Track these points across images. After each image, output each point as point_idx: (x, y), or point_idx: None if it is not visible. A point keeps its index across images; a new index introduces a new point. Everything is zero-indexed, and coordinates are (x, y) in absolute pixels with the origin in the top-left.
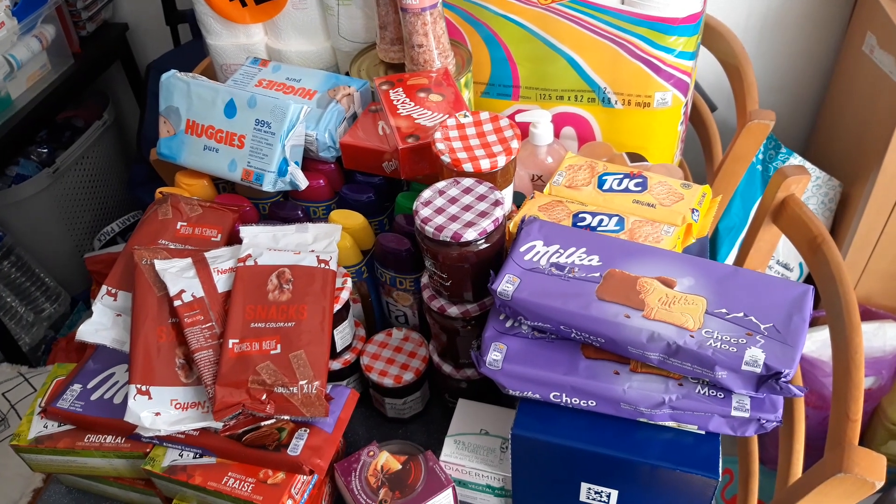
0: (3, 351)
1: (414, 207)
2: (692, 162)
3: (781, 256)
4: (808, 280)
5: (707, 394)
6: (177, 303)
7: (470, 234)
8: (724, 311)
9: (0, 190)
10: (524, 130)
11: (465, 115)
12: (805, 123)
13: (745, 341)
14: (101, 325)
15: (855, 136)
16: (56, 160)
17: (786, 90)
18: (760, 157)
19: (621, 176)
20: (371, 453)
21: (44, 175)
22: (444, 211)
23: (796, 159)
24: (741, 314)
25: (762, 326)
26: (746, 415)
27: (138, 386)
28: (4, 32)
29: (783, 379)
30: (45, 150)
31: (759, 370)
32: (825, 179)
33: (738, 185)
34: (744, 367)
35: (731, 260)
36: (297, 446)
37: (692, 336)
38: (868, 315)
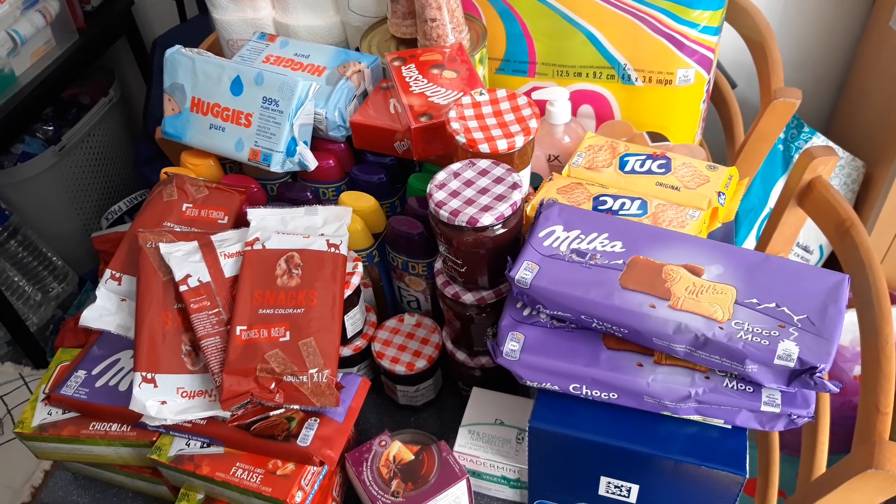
0: (10, 331)
1: (427, 190)
2: (711, 142)
3: (801, 239)
4: (829, 263)
5: (735, 387)
6: (182, 288)
7: (486, 219)
8: (755, 301)
9: (6, 168)
10: (541, 108)
11: (481, 93)
12: (828, 102)
13: (777, 334)
14: (106, 310)
15: (880, 115)
16: (62, 138)
17: (808, 67)
18: (782, 136)
19: (644, 157)
20: (383, 443)
21: (50, 153)
22: (459, 194)
23: (819, 139)
24: (773, 305)
25: (795, 318)
26: (777, 410)
27: (143, 374)
28: (7, 7)
29: (818, 374)
30: (51, 128)
31: (792, 364)
32: (848, 160)
33: (760, 165)
34: (776, 361)
35: (750, 242)
36: (307, 436)
37: (721, 328)
38: (892, 301)
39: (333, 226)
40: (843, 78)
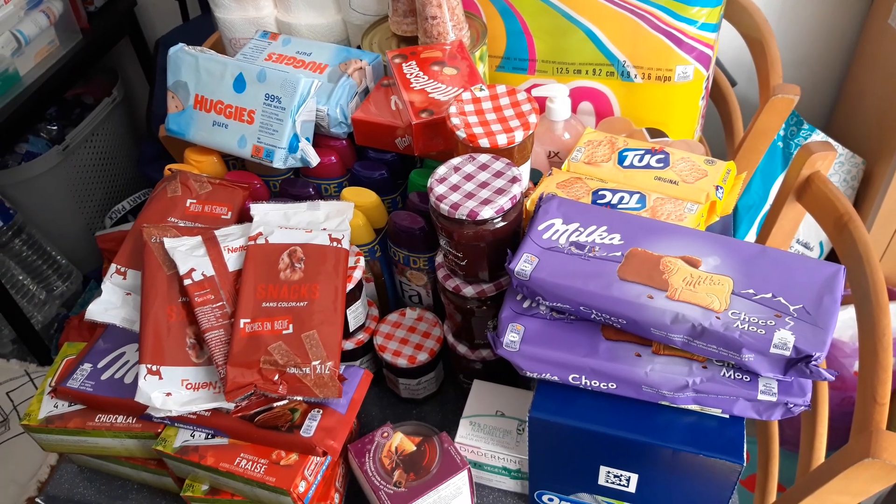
0: (15, 329)
1: (428, 184)
2: (711, 138)
3: (801, 235)
4: (829, 259)
5: (732, 377)
6: (187, 282)
7: (486, 212)
8: (751, 291)
9: (10, 168)
10: (541, 105)
11: (481, 89)
12: (827, 99)
13: (773, 323)
14: (111, 304)
15: (879, 112)
16: (66, 137)
17: (808, 64)
18: (781, 133)
19: (642, 152)
20: (385, 434)
21: (54, 152)
22: (459, 188)
23: (818, 136)
24: (769, 295)
25: (791, 308)
26: (773, 399)
27: (148, 366)
28: (11, 7)
29: (814, 362)
30: (55, 128)
31: (788, 353)
32: (848, 156)
33: (759, 162)
34: (772, 350)
35: (750, 239)
36: (310, 427)
37: (718, 318)
38: (890, 295)
39: (335, 221)
40: (843, 75)
